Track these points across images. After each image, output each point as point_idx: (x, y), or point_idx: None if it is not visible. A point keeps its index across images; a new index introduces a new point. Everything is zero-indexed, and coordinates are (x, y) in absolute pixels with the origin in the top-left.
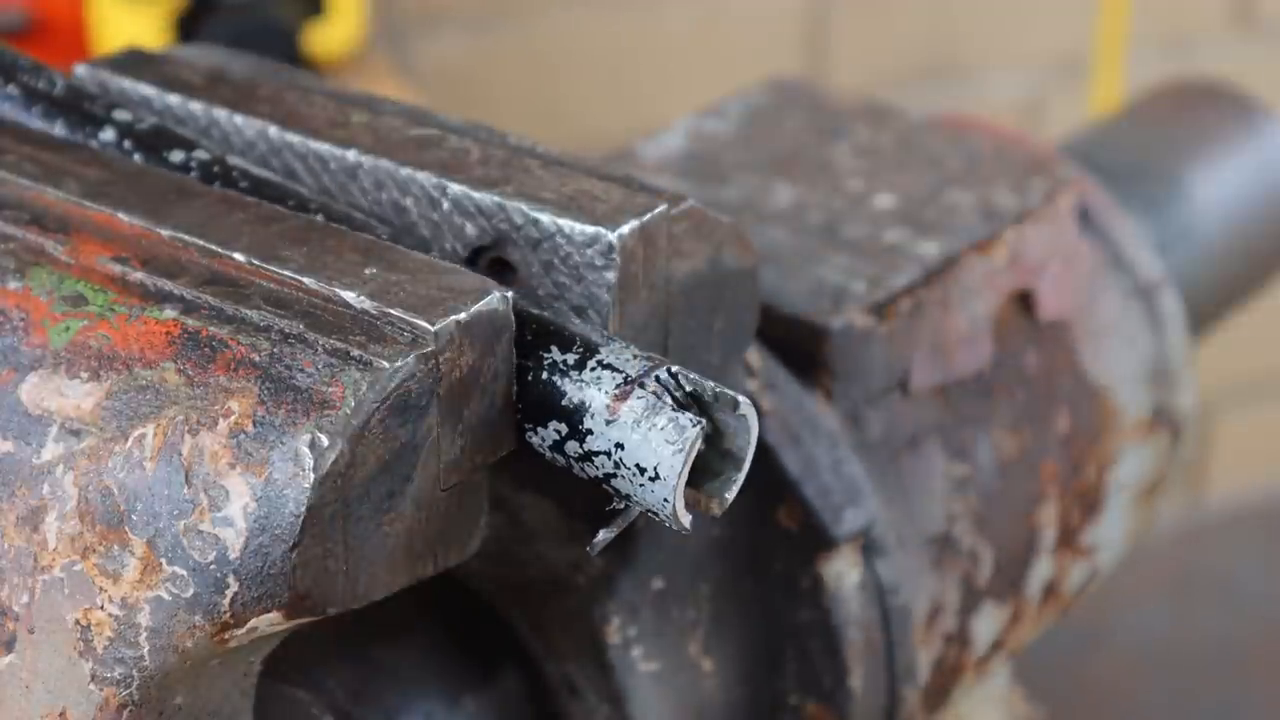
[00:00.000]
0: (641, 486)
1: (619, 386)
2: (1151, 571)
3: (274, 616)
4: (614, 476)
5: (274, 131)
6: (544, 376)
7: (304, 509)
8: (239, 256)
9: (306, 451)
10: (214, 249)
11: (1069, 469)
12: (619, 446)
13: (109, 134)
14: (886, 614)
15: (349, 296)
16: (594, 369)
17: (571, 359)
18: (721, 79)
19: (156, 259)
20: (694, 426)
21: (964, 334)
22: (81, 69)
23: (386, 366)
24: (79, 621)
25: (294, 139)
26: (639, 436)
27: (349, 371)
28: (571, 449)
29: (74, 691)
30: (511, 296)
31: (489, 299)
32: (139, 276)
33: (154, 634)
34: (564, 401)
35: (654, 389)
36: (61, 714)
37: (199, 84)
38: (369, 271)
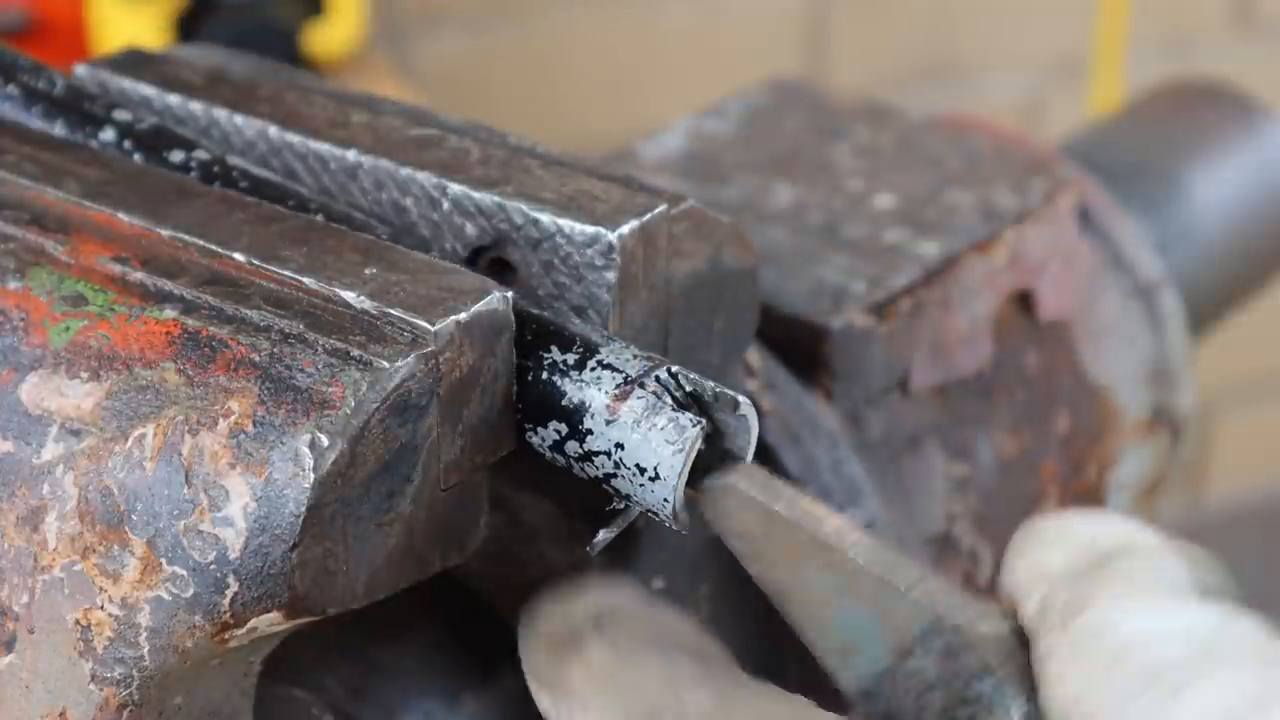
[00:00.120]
0: (641, 486)
1: (619, 386)
2: None
3: (274, 616)
4: (614, 476)
5: (274, 131)
6: (544, 376)
7: (304, 509)
8: (239, 256)
9: (306, 451)
10: (214, 249)
11: (1069, 469)
12: (619, 446)
13: (109, 134)
14: None
15: (349, 296)
16: (594, 369)
17: (571, 359)
18: (721, 79)
19: (156, 259)
20: (694, 426)
21: (964, 334)
22: (81, 69)
23: (386, 366)
24: (79, 621)
25: (294, 139)
26: (639, 436)
27: (349, 371)
28: (571, 449)
29: (74, 691)
30: (511, 296)
31: (489, 299)
32: (139, 276)
33: (154, 634)
34: (564, 401)
35: (654, 389)
36: (61, 714)
37: (199, 84)
38: (369, 271)
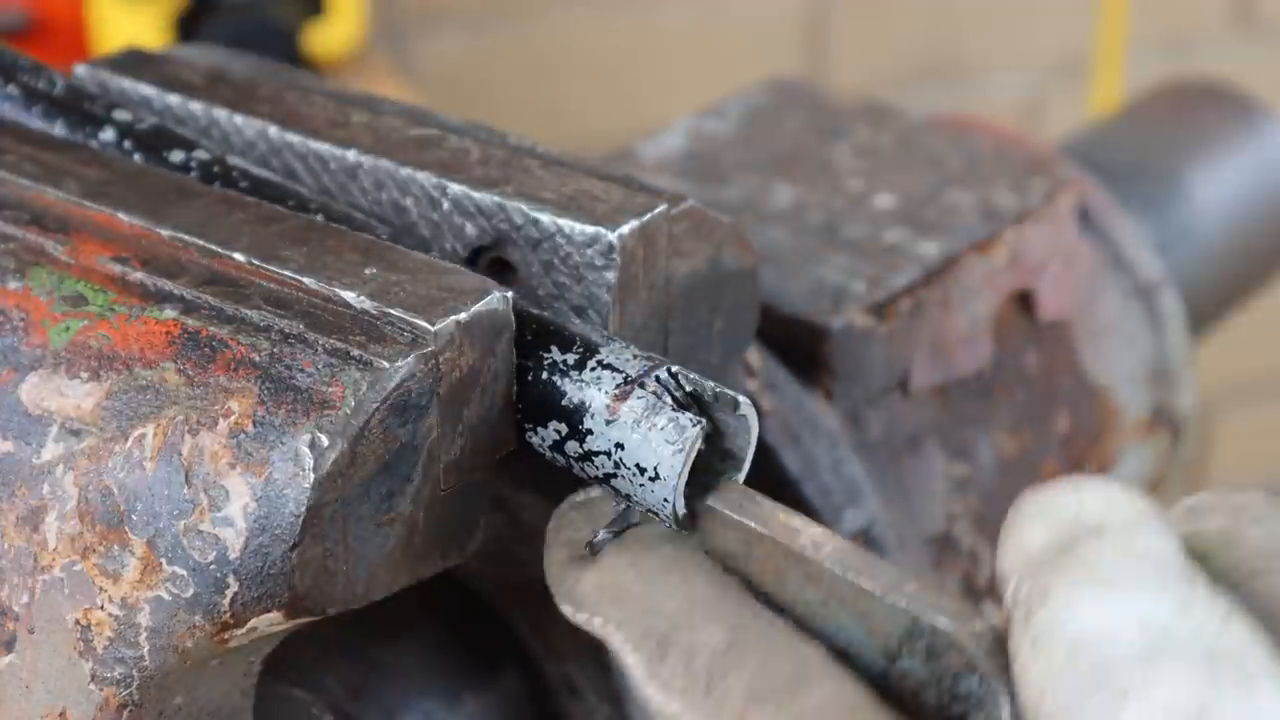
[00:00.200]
0: (641, 486)
1: (619, 386)
2: None
3: (274, 616)
4: (614, 476)
5: (274, 131)
6: (544, 376)
7: (304, 509)
8: (239, 256)
9: (306, 451)
10: (214, 249)
11: (1069, 469)
12: (619, 446)
13: (109, 134)
14: None
15: (349, 296)
16: (594, 369)
17: (571, 359)
18: (721, 79)
19: (156, 259)
20: (694, 426)
21: (964, 334)
22: (81, 69)
23: (386, 366)
24: (79, 621)
25: (294, 139)
26: (639, 436)
27: (349, 371)
28: (571, 449)
29: (74, 691)
30: (511, 296)
31: (489, 299)
32: (139, 276)
33: (154, 634)
34: (564, 401)
35: (654, 389)
36: (61, 714)
37: (199, 84)
38: (369, 271)
